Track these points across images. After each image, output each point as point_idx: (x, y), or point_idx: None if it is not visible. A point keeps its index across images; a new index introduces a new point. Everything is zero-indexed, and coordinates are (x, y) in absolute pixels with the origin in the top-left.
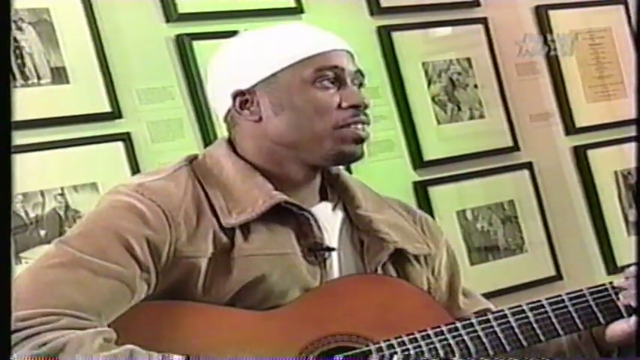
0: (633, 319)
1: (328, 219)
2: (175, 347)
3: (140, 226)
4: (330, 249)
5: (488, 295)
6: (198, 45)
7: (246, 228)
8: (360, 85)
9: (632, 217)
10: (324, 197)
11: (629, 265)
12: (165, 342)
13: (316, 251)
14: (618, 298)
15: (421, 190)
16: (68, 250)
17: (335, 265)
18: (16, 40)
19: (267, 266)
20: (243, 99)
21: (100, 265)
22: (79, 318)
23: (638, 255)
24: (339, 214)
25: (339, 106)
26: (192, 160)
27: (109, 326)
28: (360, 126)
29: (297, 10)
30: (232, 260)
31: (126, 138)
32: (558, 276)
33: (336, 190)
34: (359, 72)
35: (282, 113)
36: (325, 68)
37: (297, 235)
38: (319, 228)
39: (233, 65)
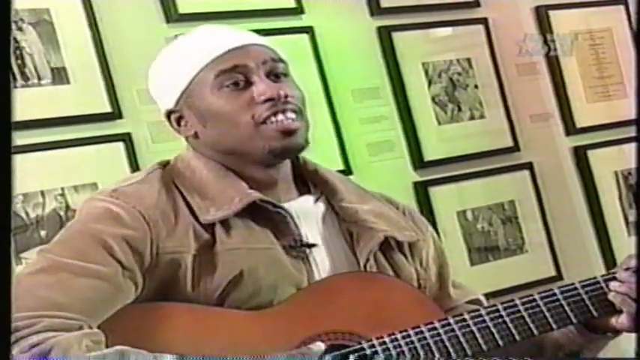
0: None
1: (308, 212)
2: (166, 349)
3: (117, 227)
4: (310, 245)
5: (489, 296)
6: None
7: (226, 224)
8: (284, 74)
9: (632, 217)
10: (304, 191)
11: (629, 258)
12: (155, 344)
13: (296, 247)
14: (610, 290)
15: (421, 190)
16: (48, 257)
17: (326, 259)
18: (16, 40)
19: (251, 260)
20: (176, 116)
21: (80, 267)
22: (59, 318)
23: (638, 255)
24: (321, 207)
25: (255, 102)
26: (165, 164)
27: (98, 328)
28: (280, 117)
29: (297, 10)
30: (216, 255)
31: (126, 138)
32: (558, 276)
33: (317, 185)
34: (278, 61)
35: (208, 124)
36: (225, 71)
37: (275, 233)
38: (295, 224)
39: (157, 85)
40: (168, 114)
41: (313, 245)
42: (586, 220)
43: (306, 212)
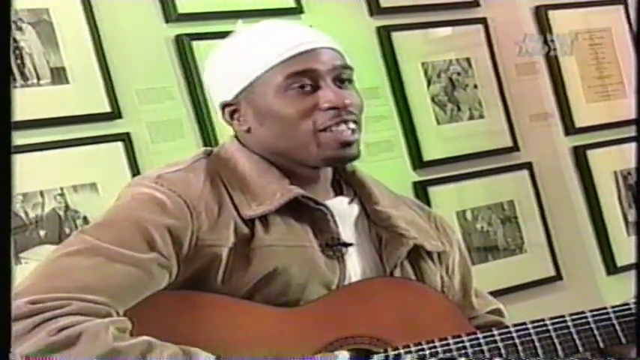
0: None
1: (344, 213)
2: (193, 339)
3: (161, 215)
4: (347, 244)
5: None
6: (197, 45)
7: (265, 220)
8: (349, 81)
9: (631, 217)
10: (339, 192)
11: (630, 266)
12: (184, 333)
13: (333, 246)
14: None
15: (421, 190)
16: (86, 239)
17: (354, 260)
18: (15, 40)
19: (286, 258)
20: (231, 109)
21: (117, 252)
22: (89, 302)
23: (638, 255)
24: (355, 209)
25: (318, 108)
26: (209, 153)
27: (125, 314)
28: (342, 127)
29: (297, 10)
30: (252, 251)
31: (126, 138)
32: (558, 276)
33: (351, 187)
34: (345, 67)
35: (265, 123)
36: (295, 73)
37: (314, 230)
38: (335, 223)
39: (217, 75)
40: (223, 106)
41: (350, 244)
42: (585, 220)
43: (342, 213)
